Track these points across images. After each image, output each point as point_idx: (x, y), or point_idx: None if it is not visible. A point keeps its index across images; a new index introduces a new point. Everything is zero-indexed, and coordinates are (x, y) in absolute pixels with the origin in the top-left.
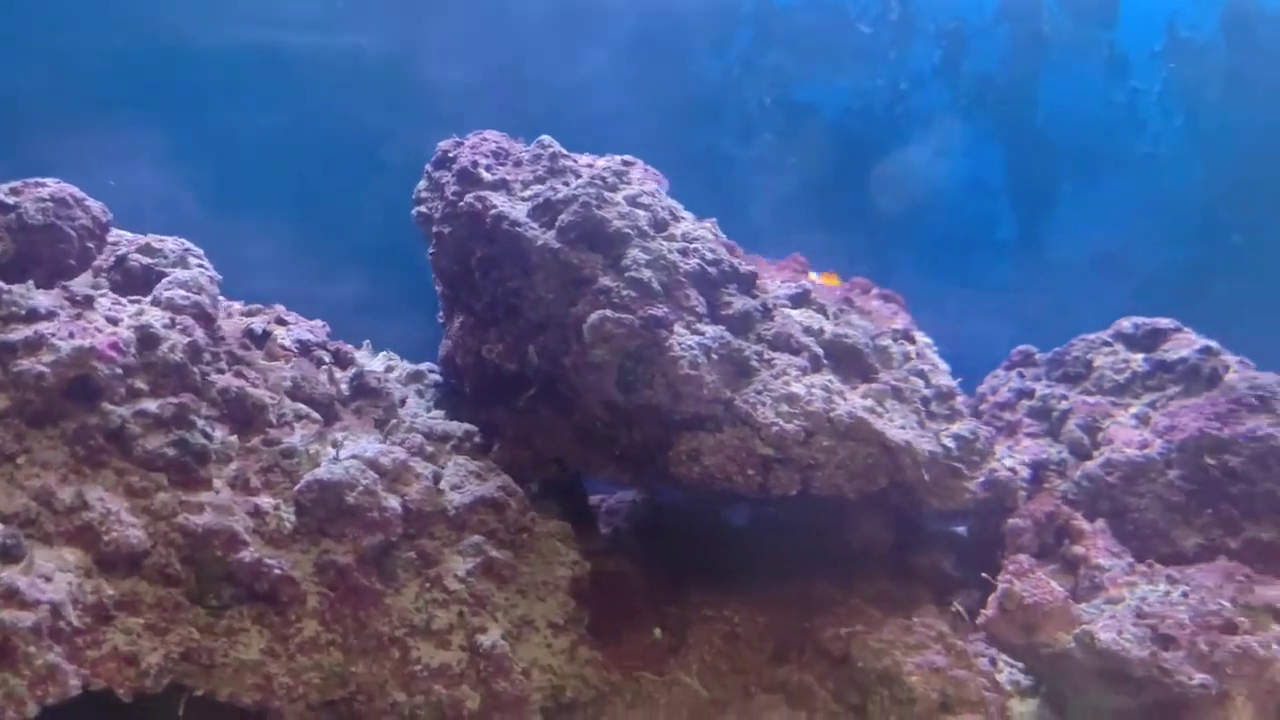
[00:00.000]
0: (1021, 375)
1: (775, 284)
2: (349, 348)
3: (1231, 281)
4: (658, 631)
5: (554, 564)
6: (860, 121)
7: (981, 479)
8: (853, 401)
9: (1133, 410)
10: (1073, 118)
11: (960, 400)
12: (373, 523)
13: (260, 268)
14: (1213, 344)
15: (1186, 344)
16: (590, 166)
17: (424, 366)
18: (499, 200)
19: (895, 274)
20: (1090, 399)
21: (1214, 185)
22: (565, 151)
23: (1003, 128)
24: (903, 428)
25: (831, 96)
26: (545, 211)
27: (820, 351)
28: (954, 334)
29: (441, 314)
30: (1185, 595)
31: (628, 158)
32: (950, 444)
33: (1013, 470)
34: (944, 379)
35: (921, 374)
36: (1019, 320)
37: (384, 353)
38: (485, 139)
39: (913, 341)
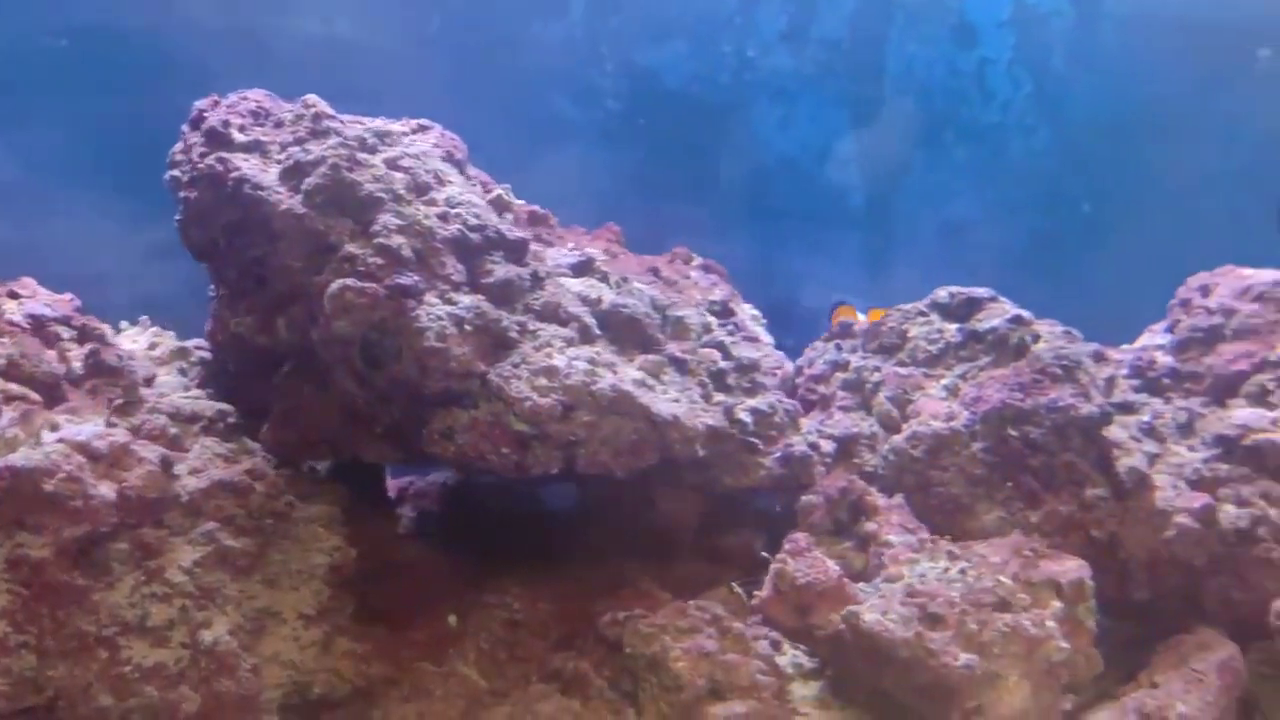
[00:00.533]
0: (839, 347)
1: (558, 253)
2: (100, 324)
3: (1081, 250)
4: (452, 619)
5: (312, 551)
6: (706, 88)
7: (778, 454)
8: (621, 374)
9: (943, 381)
10: (921, 86)
11: (769, 374)
12: (76, 512)
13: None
14: (1024, 313)
15: (999, 314)
16: (359, 126)
17: (191, 343)
18: (243, 162)
19: (743, 245)
20: (903, 370)
21: (1062, 155)
22: (331, 112)
23: (851, 96)
24: (676, 401)
25: (676, 63)
26: (294, 175)
27: (593, 322)
28: (805, 305)
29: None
30: (964, 572)
31: (423, 121)
32: (746, 418)
33: (813, 445)
34: (749, 351)
35: (721, 346)
36: (869, 292)
37: (153, 329)
38: (246, 98)
39: (730, 314)
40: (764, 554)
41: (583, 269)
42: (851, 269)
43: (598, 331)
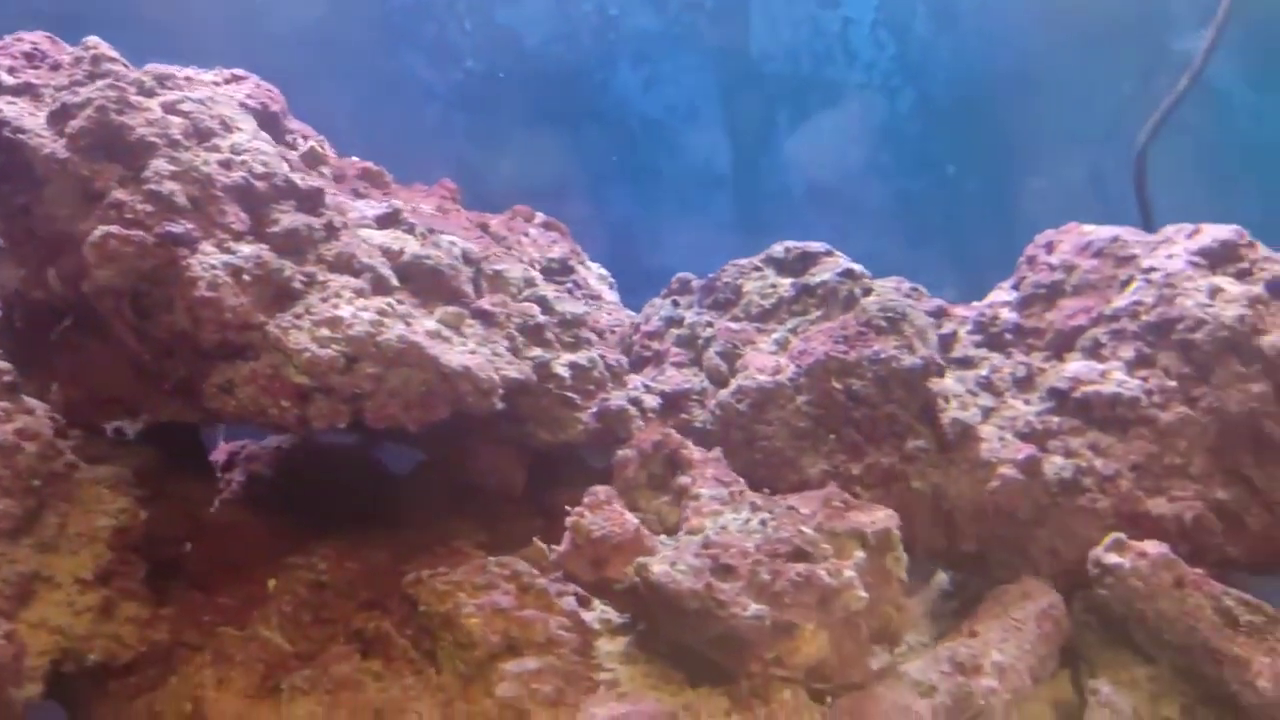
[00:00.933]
0: (676, 303)
1: (366, 205)
2: None
3: (946, 212)
4: (272, 583)
5: (94, 513)
6: (567, 48)
7: (594, 409)
8: (416, 326)
9: (774, 336)
10: (786, 47)
11: (602, 330)
12: None
13: None
14: (855, 266)
15: (832, 268)
16: (144, 72)
17: None
18: (7, 105)
19: (610, 207)
20: (735, 325)
21: (927, 117)
22: (113, 55)
23: (716, 56)
24: (473, 353)
25: (536, 21)
26: (61, 118)
27: (390, 274)
28: (673, 267)
29: None
30: (764, 523)
31: (238, 72)
32: (563, 372)
33: (635, 400)
34: (574, 306)
35: (543, 300)
36: (736, 253)
37: None
38: (21, 39)
39: (570, 271)
40: (567, 508)
41: (388, 221)
42: (718, 231)
43: (395, 283)
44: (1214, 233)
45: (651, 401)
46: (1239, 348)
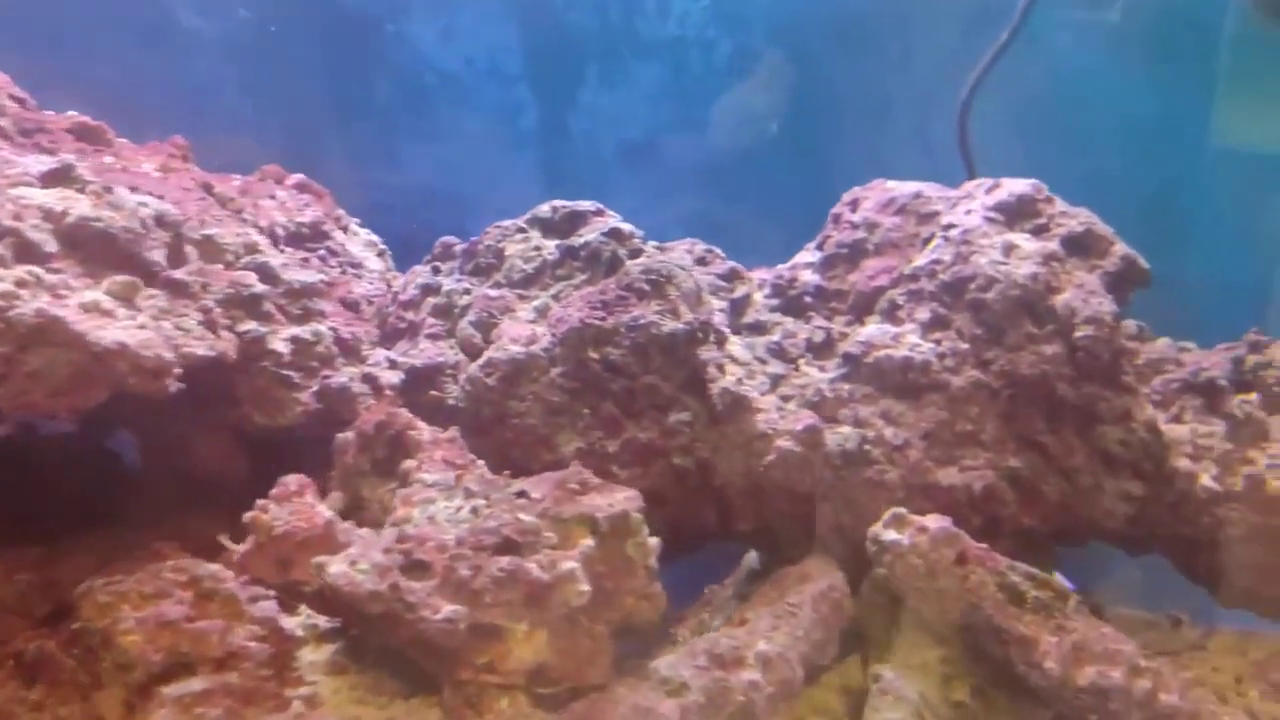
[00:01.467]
0: (436, 269)
1: (32, 160)
2: None
3: (770, 170)
4: None
5: None
6: None
7: (315, 387)
8: (67, 299)
9: (535, 303)
10: None
11: (346, 299)
12: None
13: None
14: (623, 226)
15: (600, 228)
16: None
17: None
18: None
19: (405, 169)
20: (494, 293)
21: (745, 71)
22: None
23: (518, 6)
24: (141, 328)
25: None
26: None
27: (42, 238)
28: (474, 234)
29: None
30: (476, 511)
31: None
32: (281, 348)
33: (367, 377)
34: (302, 275)
35: (264, 268)
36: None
37: None
38: None
39: (322, 237)
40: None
41: (56, 178)
42: (524, 193)
43: (53, 249)
44: (1011, 187)
45: (391, 378)
46: (1032, 307)
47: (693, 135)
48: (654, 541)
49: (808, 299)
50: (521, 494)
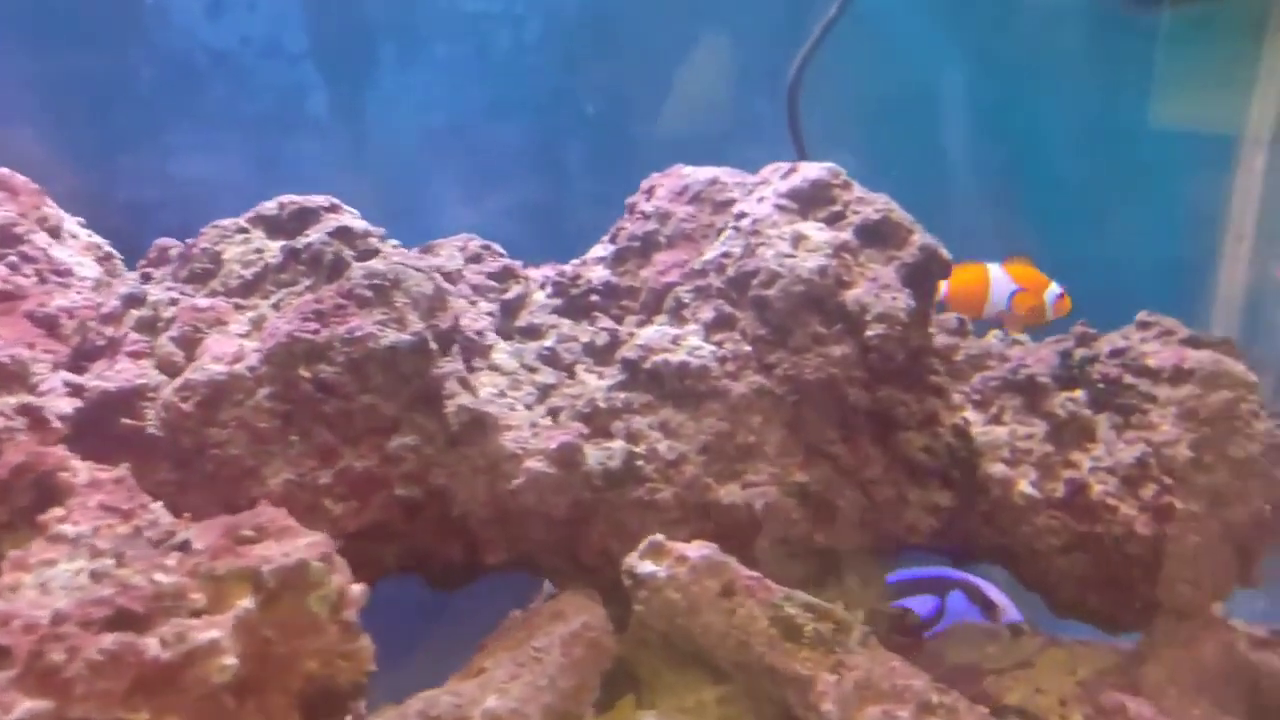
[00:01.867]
0: (148, 276)
1: None
2: None
3: (589, 155)
4: None
5: None
6: None
7: None
8: None
9: (251, 313)
10: None
11: (37, 315)
12: None
13: None
14: (355, 224)
15: (329, 226)
16: None
17: None
18: None
19: (169, 161)
20: (205, 303)
21: (558, 50)
22: None
23: None
24: None
25: None
26: None
27: None
28: None
29: None
30: (95, 576)
31: None
32: None
33: (26, 407)
34: None
35: None
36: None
37: None
38: None
39: (16, 241)
40: None
41: None
42: (318, 186)
43: None
44: (806, 171)
45: (64, 407)
46: (821, 304)
47: (503, 118)
48: (356, 590)
49: (595, 297)
50: (184, 545)
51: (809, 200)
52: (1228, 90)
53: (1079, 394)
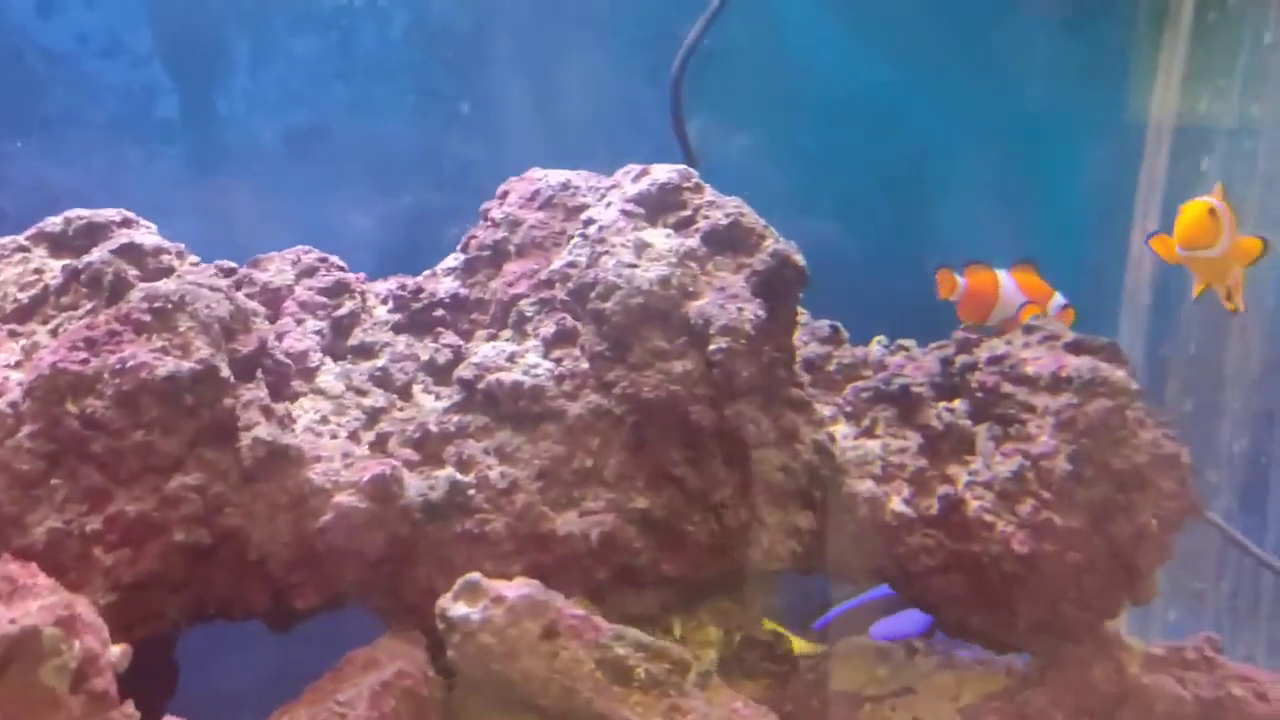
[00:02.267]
0: None
1: None
2: None
3: (464, 157)
4: None
5: None
6: None
7: None
8: None
9: (24, 341)
10: None
11: None
12: None
13: None
14: (146, 241)
15: (118, 243)
16: None
17: None
18: None
19: (12, 168)
20: None
21: (427, 45)
22: None
23: None
24: None
25: None
26: None
27: None
28: None
29: None
30: None
31: None
32: None
33: None
34: None
35: None
36: (188, 219)
37: None
38: None
39: None
40: None
41: None
42: (171, 193)
43: None
44: (656, 174)
45: None
46: (664, 317)
47: (372, 118)
48: (114, 653)
49: (441, 311)
50: None
51: (657, 205)
52: (1132, 80)
53: (958, 404)
